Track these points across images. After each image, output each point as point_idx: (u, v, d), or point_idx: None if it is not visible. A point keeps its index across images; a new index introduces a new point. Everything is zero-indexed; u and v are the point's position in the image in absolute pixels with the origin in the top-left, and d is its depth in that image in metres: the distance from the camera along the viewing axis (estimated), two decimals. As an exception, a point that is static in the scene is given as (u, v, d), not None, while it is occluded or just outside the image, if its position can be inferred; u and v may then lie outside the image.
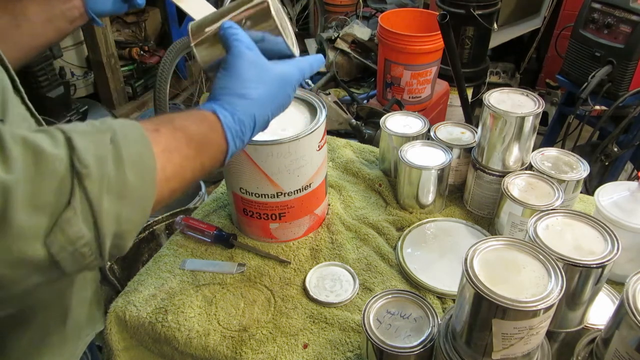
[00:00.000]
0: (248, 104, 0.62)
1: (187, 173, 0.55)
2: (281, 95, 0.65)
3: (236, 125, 0.60)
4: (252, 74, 0.63)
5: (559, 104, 2.31)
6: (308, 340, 0.82)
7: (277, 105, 0.65)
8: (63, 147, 0.44)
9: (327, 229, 1.03)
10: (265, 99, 0.63)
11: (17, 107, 0.66)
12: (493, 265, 0.59)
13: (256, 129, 0.64)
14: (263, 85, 0.63)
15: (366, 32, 3.03)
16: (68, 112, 2.17)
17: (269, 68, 0.65)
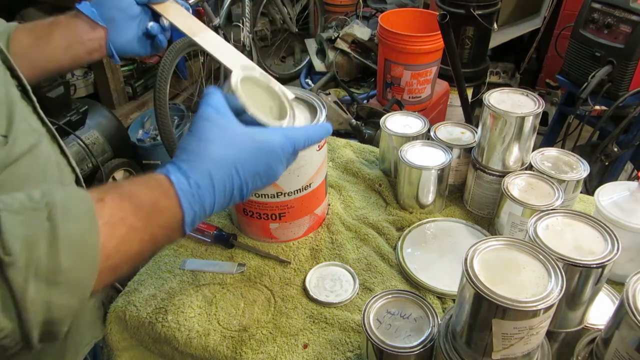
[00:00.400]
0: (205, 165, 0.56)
1: (132, 247, 0.50)
2: (260, 164, 0.60)
3: (192, 189, 0.54)
4: (215, 135, 0.57)
5: (559, 104, 2.31)
6: (308, 340, 0.82)
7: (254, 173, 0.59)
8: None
9: (327, 229, 1.03)
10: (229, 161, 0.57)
11: (27, 119, 0.66)
12: (493, 265, 0.59)
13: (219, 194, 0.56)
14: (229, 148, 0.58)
15: (366, 32, 3.03)
16: (68, 112, 2.17)
17: (241, 133, 0.59)
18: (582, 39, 1.97)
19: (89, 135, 2.29)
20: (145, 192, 0.52)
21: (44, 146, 0.69)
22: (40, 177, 0.66)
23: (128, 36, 0.86)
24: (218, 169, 0.56)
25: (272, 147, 0.61)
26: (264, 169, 0.60)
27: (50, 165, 0.70)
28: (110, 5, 0.84)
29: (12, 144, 0.59)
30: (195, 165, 0.55)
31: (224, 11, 2.68)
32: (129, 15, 0.85)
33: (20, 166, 0.61)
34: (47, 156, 0.69)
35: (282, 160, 0.62)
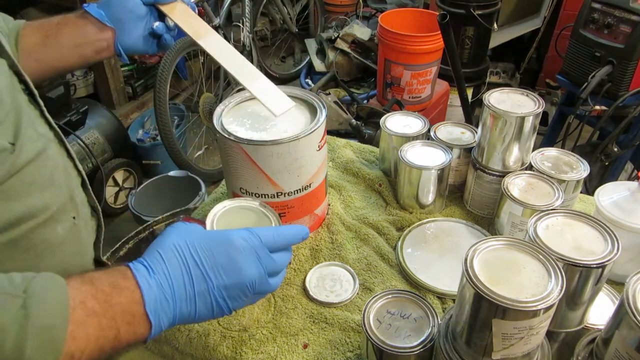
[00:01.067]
0: (154, 248, 0.59)
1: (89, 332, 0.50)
2: (219, 254, 0.59)
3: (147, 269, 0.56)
4: (169, 231, 0.61)
5: (559, 104, 2.31)
6: (308, 340, 0.82)
7: (213, 263, 0.58)
8: None
9: (327, 229, 1.03)
10: (177, 243, 0.58)
11: (34, 124, 0.66)
12: (493, 265, 0.59)
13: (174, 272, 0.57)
14: (180, 235, 0.60)
15: (366, 32, 3.03)
16: (68, 112, 2.17)
17: (196, 228, 0.61)
18: (582, 39, 1.97)
19: (89, 135, 2.29)
20: (105, 276, 0.54)
21: (52, 151, 0.69)
22: (47, 182, 0.66)
23: (135, 36, 0.87)
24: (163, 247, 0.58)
25: (229, 237, 0.60)
26: (226, 261, 0.58)
27: (58, 170, 0.70)
28: (118, 6, 0.85)
29: (19, 151, 0.59)
30: (148, 251, 0.59)
31: (224, 11, 2.68)
32: (136, 15, 0.86)
33: (27, 173, 0.61)
34: (54, 161, 0.69)
35: (245, 253, 0.60)
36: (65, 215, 0.70)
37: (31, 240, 0.64)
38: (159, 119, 2.29)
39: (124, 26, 0.86)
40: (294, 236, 0.67)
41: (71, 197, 0.72)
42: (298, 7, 3.69)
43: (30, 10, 2.65)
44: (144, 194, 2.28)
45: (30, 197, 0.62)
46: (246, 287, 0.60)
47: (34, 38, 0.81)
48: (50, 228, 0.66)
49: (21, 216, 0.61)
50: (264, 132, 0.91)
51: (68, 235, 0.71)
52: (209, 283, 0.57)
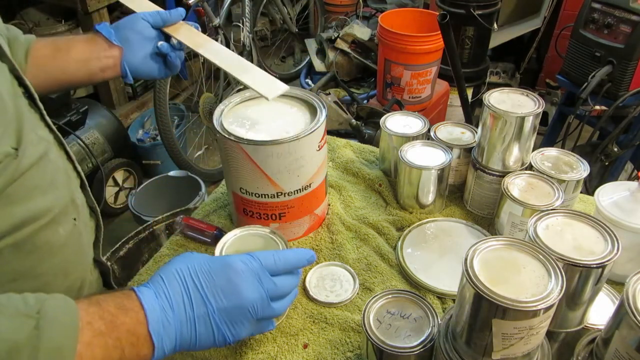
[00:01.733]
0: (157, 273, 0.60)
1: (95, 353, 0.51)
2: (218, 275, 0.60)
3: (149, 289, 0.58)
4: (173, 259, 0.62)
5: (559, 104, 2.31)
6: (308, 340, 0.82)
7: (213, 285, 0.59)
8: None
9: (327, 229, 1.03)
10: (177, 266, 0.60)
11: (35, 128, 0.66)
12: (493, 265, 0.59)
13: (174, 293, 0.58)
14: (181, 261, 0.61)
15: (366, 32, 3.03)
16: (68, 112, 2.17)
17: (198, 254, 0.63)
18: (582, 39, 1.97)
19: (89, 135, 2.29)
20: (111, 297, 0.55)
21: (52, 154, 0.69)
22: (49, 185, 0.67)
23: (141, 56, 0.90)
24: (166, 272, 0.59)
25: (228, 261, 0.61)
26: (226, 284, 0.59)
27: (59, 172, 0.70)
28: (127, 27, 0.89)
29: (22, 155, 0.60)
30: (152, 276, 0.60)
31: (224, 11, 2.68)
32: (143, 36, 0.90)
33: (29, 177, 0.62)
34: (55, 164, 0.70)
35: (245, 276, 0.60)
36: (66, 217, 0.70)
37: (34, 243, 0.64)
38: (159, 119, 2.29)
39: (131, 46, 0.88)
40: (297, 259, 0.67)
41: (72, 199, 0.73)
42: (298, 7, 3.69)
43: (30, 10, 2.65)
44: (144, 194, 2.28)
45: (32, 200, 0.63)
46: (247, 310, 0.60)
47: (45, 51, 0.84)
48: (52, 230, 0.67)
49: (25, 219, 0.62)
50: (264, 132, 0.91)
51: (69, 236, 0.71)
52: (208, 306, 0.58)
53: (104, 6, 2.47)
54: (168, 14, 0.92)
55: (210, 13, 2.57)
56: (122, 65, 0.88)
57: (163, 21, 0.92)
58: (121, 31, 0.89)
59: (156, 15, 0.91)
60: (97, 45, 0.87)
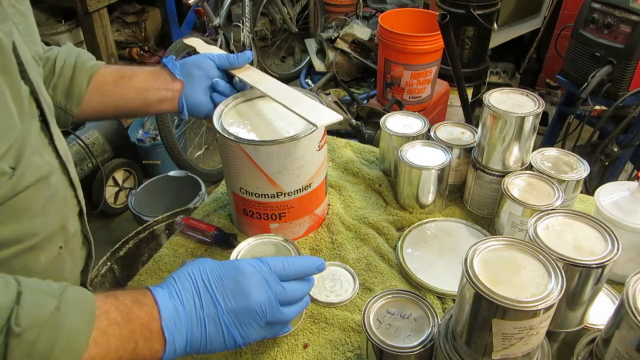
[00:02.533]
0: (171, 275, 0.62)
1: (111, 341, 0.53)
2: (227, 277, 0.62)
3: (163, 289, 0.60)
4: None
5: (559, 104, 2.31)
6: (308, 340, 0.82)
7: (223, 287, 0.61)
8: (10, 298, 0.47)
9: (327, 229, 1.03)
10: (189, 269, 0.62)
11: (40, 151, 0.66)
12: (493, 265, 0.59)
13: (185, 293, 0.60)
14: (193, 264, 0.64)
15: (366, 32, 3.03)
16: (68, 112, 2.17)
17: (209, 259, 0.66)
18: (582, 39, 1.97)
19: (89, 135, 2.29)
20: (127, 292, 0.58)
21: (54, 179, 0.69)
22: (40, 211, 0.66)
23: (201, 94, 0.92)
24: (178, 274, 0.62)
25: (237, 264, 0.64)
26: (234, 286, 0.61)
27: (55, 199, 0.69)
28: (193, 64, 0.91)
29: (19, 177, 0.60)
30: (166, 279, 0.62)
31: (224, 11, 2.68)
32: (207, 75, 0.92)
33: (22, 199, 0.61)
34: (54, 189, 0.69)
35: (253, 278, 0.62)
36: (51, 245, 0.70)
37: (11, 266, 0.64)
38: (159, 119, 2.29)
39: (193, 82, 0.90)
40: (307, 266, 0.69)
41: (62, 227, 0.72)
42: (298, 7, 3.69)
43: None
44: (144, 194, 2.28)
45: (19, 223, 0.63)
46: (256, 312, 0.61)
47: (109, 77, 0.86)
48: (33, 256, 0.67)
49: (6, 241, 0.62)
50: (264, 132, 0.91)
51: (51, 264, 0.70)
52: (217, 307, 0.60)
53: (104, 6, 2.47)
54: (235, 58, 0.94)
55: (210, 13, 2.57)
56: (180, 99, 0.90)
57: (230, 63, 0.94)
58: (186, 67, 0.91)
59: (223, 58, 0.94)
60: (160, 77, 0.89)
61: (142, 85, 0.87)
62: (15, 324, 0.46)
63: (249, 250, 0.80)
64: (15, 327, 0.46)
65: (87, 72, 0.84)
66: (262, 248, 0.80)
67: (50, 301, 0.50)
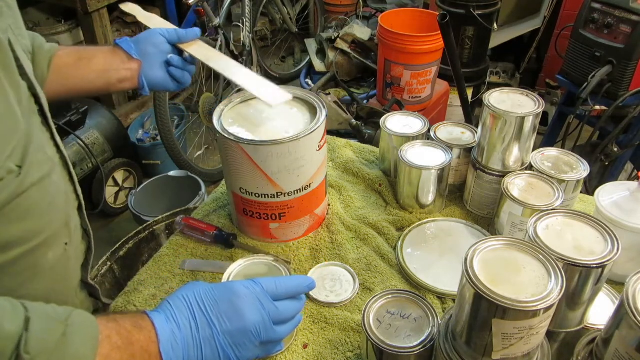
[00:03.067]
0: (166, 299, 0.63)
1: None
2: (222, 299, 0.63)
3: (159, 312, 0.60)
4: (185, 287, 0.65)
5: (559, 104, 2.31)
6: (308, 340, 0.82)
7: (218, 312, 0.62)
8: (18, 324, 0.48)
9: (327, 229, 1.03)
10: (184, 292, 0.63)
11: (43, 147, 0.66)
12: (493, 265, 0.59)
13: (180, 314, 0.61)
14: (187, 287, 0.65)
15: (366, 32, 3.03)
16: (68, 112, 2.17)
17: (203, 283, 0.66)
18: (582, 39, 1.97)
19: (89, 135, 2.29)
20: (127, 317, 0.58)
21: (56, 175, 0.69)
22: (47, 208, 0.66)
23: (158, 69, 0.94)
24: (173, 298, 0.63)
25: (231, 286, 0.65)
26: (229, 308, 0.62)
27: (59, 195, 0.70)
28: (145, 41, 0.94)
29: (25, 174, 0.60)
30: (160, 303, 0.63)
31: (224, 11, 2.68)
32: (160, 50, 0.94)
33: (29, 197, 0.62)
34: (57, 185, 0.69)
35: (247, 299, 0.63)
36: (57, 241, 0.70)
37: (21, 265, 0.64)
38: (159, 119, 2.29)
39: (149, 60, 0.93)
40: (298, 285, 0.70)
41: (66, 223, 0.73)
42: (298, 7, 3.69)
43: (30, 10, 2.65)
44: (144, 194, 2.27)
45: (28, 221, 0.63)
46: (250, 332, 0.62)
47: (68, 59, 0.87)
48: (41, 253, 0.67)
49: (15, 240, 0.62)
50: (264, 132, 0.91)
51: (58, 261, 0.71)
52: (213, 329, 0.61)
53: (104, 6, 2.47)
54: (184, 33, 0.97)
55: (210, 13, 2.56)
56: (140, 78, 0.92)
57: (178, 38, 0.96)
58: (140, 45, 0.93)
59: (173, 32, 0.96)
60: (117, 58, 0.91)
61: (102, 67, 0.89)
62: (24, 351, 0.46)
63: (241, 271, 0.80)
64: (24, 355, 0.46)
65: (45, 56, 0.84)
66: (254, 268, 0.81)
67: (58, 327, 0.50)
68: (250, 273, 0.80)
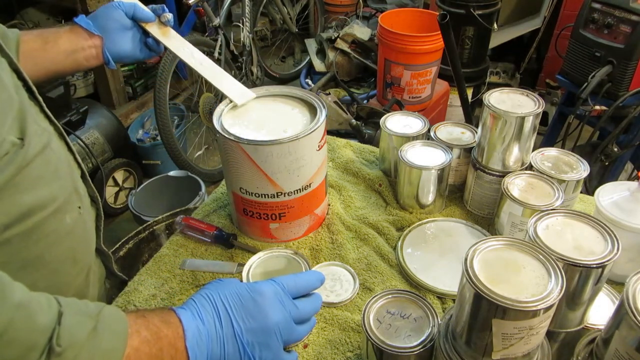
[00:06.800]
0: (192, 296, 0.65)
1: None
2: (246, 299, 0.65)
3: (185, 309, 0.62)
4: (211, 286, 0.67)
5: (559, 104, 2.31)
6: (308, 340, 0.82)
7: (240, 305, 0.64)
8: (52, 318, 0.50)
9: (327, 228, 1.03)
10: (210, 290, 0.65)
11: (36, 119, 0.68)
12: (493, 265, 0.59)
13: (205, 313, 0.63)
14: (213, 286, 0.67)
15: (366, 32, 3.03)
16: (68, 112, 2.17)
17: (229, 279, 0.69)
18: (582, 39, 1.97)
19: (89, 135, 2.29)
20: (155, 312, 0.61)
21: (54, 144, 0.71)
22: (53, 176, 0.68)
23: (121, 43, 0.95)
24: (198, 296, 0.65)
25: (254, 286, 0.66)
26: (252, 306, 0.64)
27: (62, 163, 0.72)
28: (104, 17, 0.94)
29: (28, 145, 0.62)
30: (186, 301, 0.65)
31: (224, 11, 2.68)
32: (121, 24, 0.95)
33: (35, 166, 0.64)
34: (58, 154, 0.71)
35: (270, 299, 0.65)
36: (71, 206, 0.73)
37: (42, 231, 0.66)
38: (159, 119, 2.29)
39: (110, 34, 0.93)
40: (313, 281, 0.73)
41: (75, 188, 0.75)
42: (298, 7, 3.69)
43: (29, 10, 2.65)
44: (144, 194, 2.28)
45: (39, 189, 0.65)
46: (273, 332, 0.64)
47: (34, 44, 0.87)
48: (59, 218, 0.69)
49: (32, 208, 0.64)
50: (263, 132, 0.91)
51: (75, 224, 0.74)
52: (235, 327, 0.62)
53: (104, 6, 2.47)
54: (141, 9, 0.96)
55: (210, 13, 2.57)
56: (104, 52, 0.93)
57: (134, 13, 0.96)
58: (99, 20, 0.93)
59: (130, 6, 0.96)
60: (79, 36, 0.91)
61: (68, 48, 0.89)
62: (56, 343, 0.48)
63: (260, 263, 0.81)
64: (56, 347, 0.48)
65: (12, 42, 0.85)
66: (273, 261, 0.82)
67: (89, 321, 0.52)
68: (269, 265, 0.82)
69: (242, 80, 2.81)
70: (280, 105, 0.99)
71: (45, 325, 0.49)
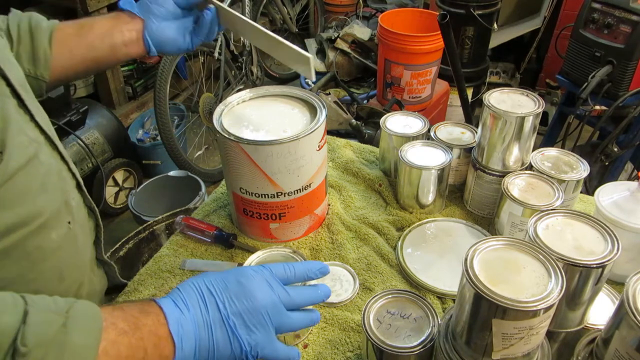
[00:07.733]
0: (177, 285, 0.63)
1: (121, 351, 0.54)
2: (230, 280, 0.63)
3: (167, 297, 0.60)
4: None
5: (559, 104, 2.31)
6: (308, 340, 0.82)
7: (224, 288, 0.62)
8: (17, 318, 0.47)
9: (327, 228, 1.03)
10: (194, 278, 0.63)
11: (24, 129, 0.65)
12: (493, 265, 0.59)
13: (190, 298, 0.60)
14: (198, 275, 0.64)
15: (366, 32, 3.03)
16: (68, 112, 2.17)
17: None
18: (582, 39, 1.97)
19: (89, 135, 2.29)
20: (133, 304, 0.58)
21: (44, 155, 0.68)
22: (40, 189, 0.66)
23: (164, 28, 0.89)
24: (183, 285, 0.62)
25: (240, 269, 0.64)
26: (238, 289, 0.61)
27: (51, 175, 0.69)
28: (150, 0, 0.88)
29: (8, 159, 0.59)
30: (170, 292, 0.62)
31: (224, 11, 2.68)
32: (166, 9, 0.88)
33: (17, 180, 0.61)
34: (47, 166, 0.68)
35: (256, 280, 0.63)
36: (59, 221, 0.70)
37: (24, 249, 0.64)
38: (159, 119, 2.29)
39: (153, 18, 0.87)
40: (308, 270, 0.69)
41: (65, 202, 0.72)
42: (298, 7, 3.69)
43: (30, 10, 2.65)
44: (144, 194, 2.28)
45: (22, 205, 0.62)
46: (261, 314, 0.61)
47: (69, 30, 0.84)
48: (44, 235, 0.66)
49: (13, 225, 0.61)
50: (263, 132, 0.91)
51: (63, 240, 0.70)
52: (222, 310, 0.60)
53: (104, 6, 2.47)
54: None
55: (210, 13, 2.56)
56: (145, 37, 0.88)
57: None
58: (144, 5, 0.89)
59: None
60: (119, 20, 0.86)
61: (104, 30, 0.85)
62: (21, 343, 0.46)
63: (260, 262, 0.81)
64: (21, 347, 0.46)
65: (45, 32, 0.82)
66: (271, 259, 0.81)
67: (57, 319, 0.50)
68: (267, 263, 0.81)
69: (242, 80, 2.81)
70: (280, 105, 0.99)
71: (9, 325, 0.47)
